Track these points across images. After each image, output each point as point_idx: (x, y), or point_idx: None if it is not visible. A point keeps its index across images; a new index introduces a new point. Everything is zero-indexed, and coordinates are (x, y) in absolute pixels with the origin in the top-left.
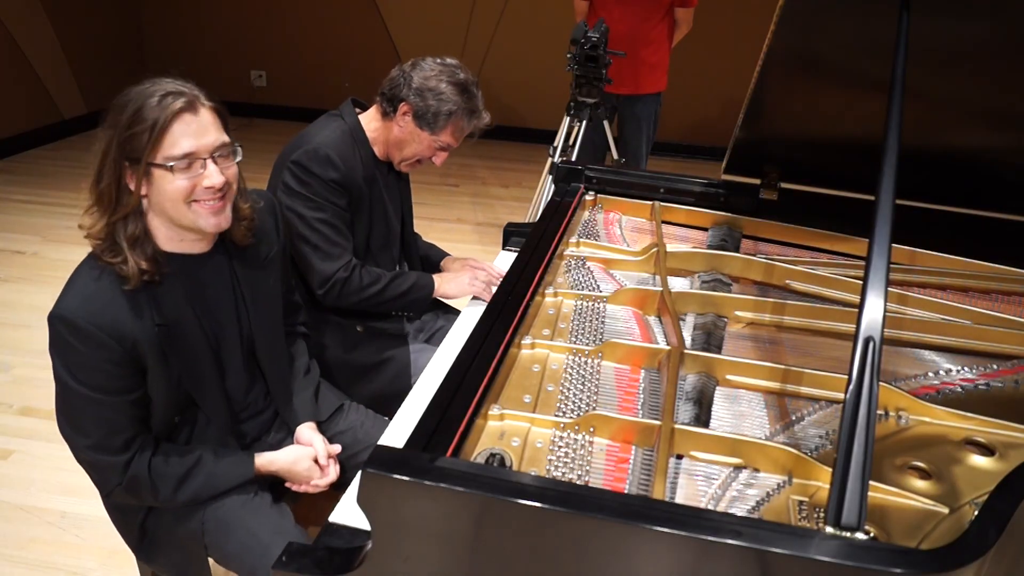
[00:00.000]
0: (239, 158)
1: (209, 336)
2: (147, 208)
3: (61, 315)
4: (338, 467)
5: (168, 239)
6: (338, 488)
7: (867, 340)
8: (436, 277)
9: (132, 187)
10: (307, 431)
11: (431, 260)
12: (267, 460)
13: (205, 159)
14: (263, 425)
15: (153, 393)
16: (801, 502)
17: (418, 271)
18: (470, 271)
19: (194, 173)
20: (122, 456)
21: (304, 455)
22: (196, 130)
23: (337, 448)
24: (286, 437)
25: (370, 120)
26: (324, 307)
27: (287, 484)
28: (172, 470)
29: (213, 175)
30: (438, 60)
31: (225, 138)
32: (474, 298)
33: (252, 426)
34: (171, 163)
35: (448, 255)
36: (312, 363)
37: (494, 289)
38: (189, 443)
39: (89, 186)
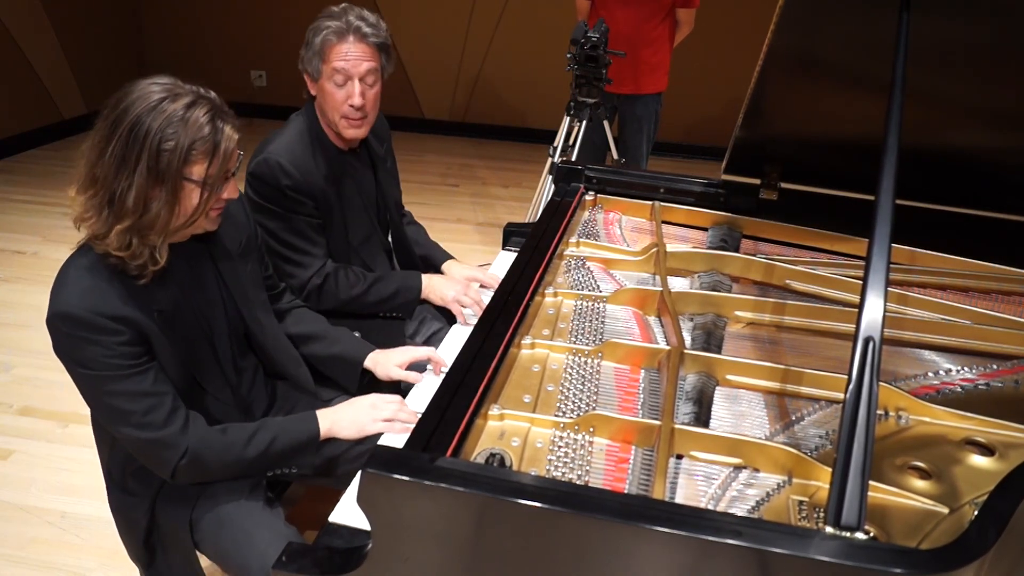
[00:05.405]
0: None
1: (200, 319)
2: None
3: (62, 313)
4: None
5: None
6: (339, 486)
7: (867, 340)
8: (425, 278)
9: (166, 201)
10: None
11: (431, 261)
12: (327, 413)
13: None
14: (263, 411)
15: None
16: (801, 502)
17: (404, 271)
18: (462, 287)
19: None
20: (169, 428)
21: (362, 397)
22: (233, 148)
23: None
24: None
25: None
26: (320, 312)
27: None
28: (236, 433)
29: (232, 188)
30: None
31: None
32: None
33: (256, 410)
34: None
35: (451, 258)
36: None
37: (473, 317)
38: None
39: (103, 200)
